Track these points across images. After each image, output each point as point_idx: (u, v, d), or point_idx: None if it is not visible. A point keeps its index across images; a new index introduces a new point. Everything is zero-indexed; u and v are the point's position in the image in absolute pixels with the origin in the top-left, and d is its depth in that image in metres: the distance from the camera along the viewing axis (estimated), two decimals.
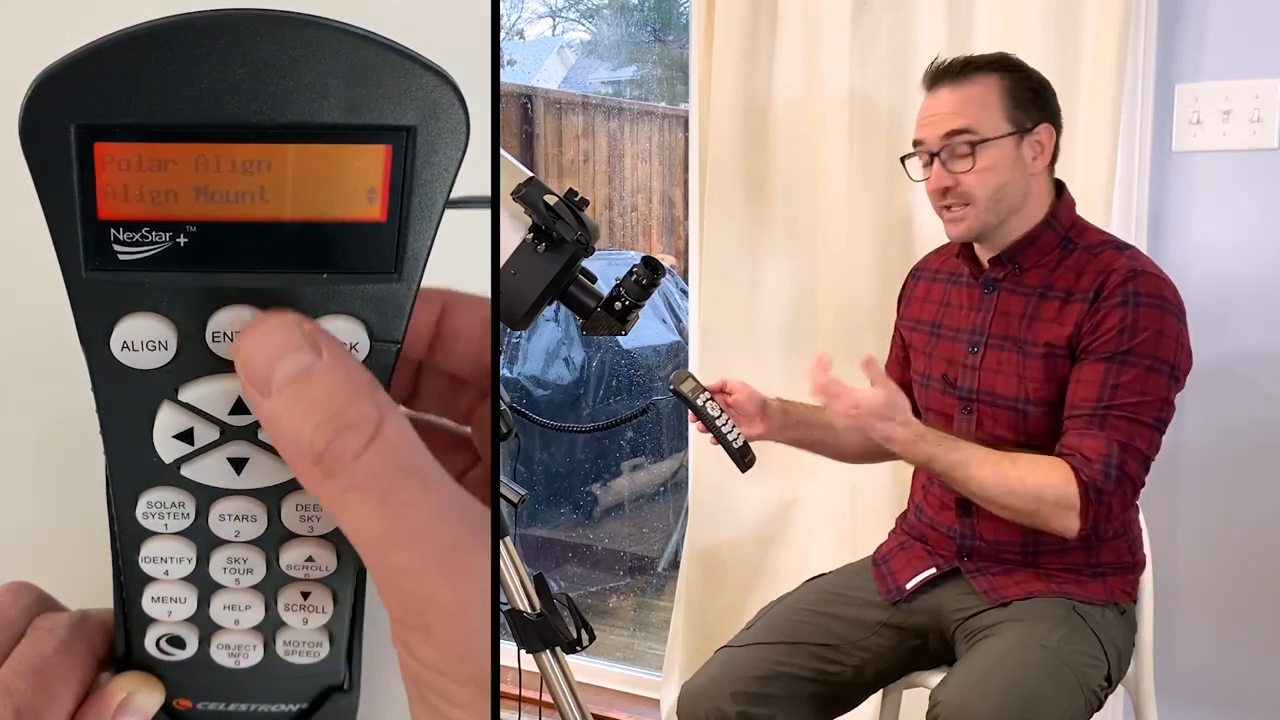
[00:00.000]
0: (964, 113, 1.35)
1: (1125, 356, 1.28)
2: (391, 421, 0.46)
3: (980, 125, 1.34)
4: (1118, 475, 1.26)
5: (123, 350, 0.53)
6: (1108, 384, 1.28)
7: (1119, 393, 1.27)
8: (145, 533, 0.59)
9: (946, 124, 1.35)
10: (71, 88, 0.47)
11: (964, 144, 1.34)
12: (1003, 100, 1.34)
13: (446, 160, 0.52)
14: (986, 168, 1.34)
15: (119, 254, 0.51)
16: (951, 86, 1.36)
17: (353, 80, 0.49)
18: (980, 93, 1.35)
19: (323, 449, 0.46)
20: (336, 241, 0.52)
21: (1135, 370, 1.27)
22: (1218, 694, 1.74)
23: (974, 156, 1.34)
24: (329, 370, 0.46)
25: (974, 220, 1.36)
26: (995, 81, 1.35)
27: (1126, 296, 1.29)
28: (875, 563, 1.51)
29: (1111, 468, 1.26)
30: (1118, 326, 1.28)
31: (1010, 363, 1.36)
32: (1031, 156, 1.35)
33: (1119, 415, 1.27)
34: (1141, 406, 1.28)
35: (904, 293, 1.58)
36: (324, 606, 0.64)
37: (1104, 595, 1.36)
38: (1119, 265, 1.31)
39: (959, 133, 1.34)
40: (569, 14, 4.17)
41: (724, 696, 1.35)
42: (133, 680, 0.64)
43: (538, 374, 3.31)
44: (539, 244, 1.20)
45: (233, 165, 0.50)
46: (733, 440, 1.38)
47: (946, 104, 1.36)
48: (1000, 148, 1.34)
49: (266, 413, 0.47)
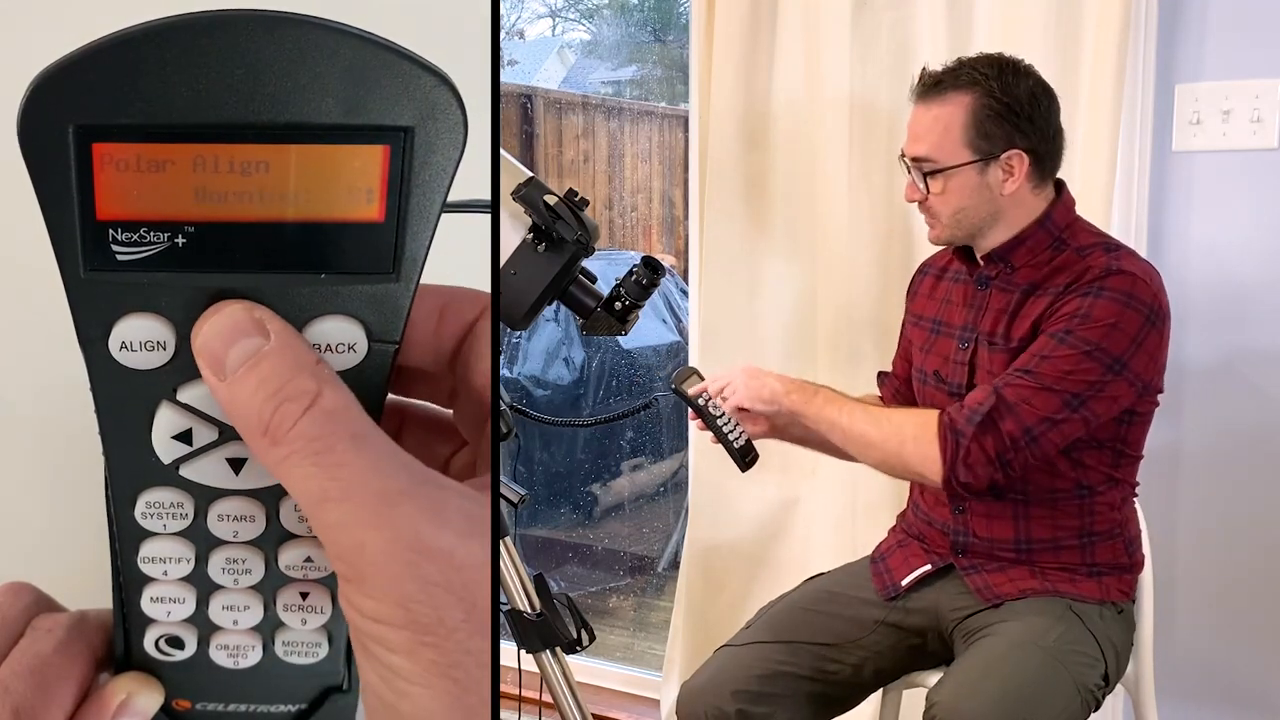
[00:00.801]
0: (926, 139, 1.36)
1: (1065, 337, 1.27)
2: (329, 392, 0.51)
3: (939, 154, 1.35)
4: (983, 423, 1.26)
5: (121, 351, 0.53)
6: (1036, 354, 1.28)
7: (1044, 363, 1.27)
8: (144, 533, 0.59)
9: (912, 147, 1.38)
10: (69, 88, 0.47)
11: (929, 170, 1.36)
12: (967, 125, 1.33)
13: (444, 160, 0.52)
14: (945, 192, 1.36)
15: (117, 254, 0.51)
16: (924, 105, 1.37)
17: (351, 80, 0.49)
18: (946, 116, 1.34)
19: (268, 420, 0.51)
20: (334, 242, 0.52)
21: (1069, 350, 1.27)
22: (1218, 694, 1.74)
23: (939, 181, 1.35)
24: (275, 351, 0.52)
25: (941, 231, 1.40)
26: (965, 103, 1.33)
27: (1090, 288, 1.28)
28: (873, 560, 1.51)
29: (979, 415, 1.26)
30: (1072, 312, 1.28)
31: (998, 360, 1.36)
32: (1001, 179, 1.34)
33: (1027, 381, 1.27)
34: (1058, 380, 1.26)
35: (911, 287, 1.58)
36: (323, 607, 0.64)
37: (1099, 594, 1.36)
38: (1096, 263, 1.31)
39: (924, 159, 1.36)
40: (569, 14, 4.17)
41: (724, 696, 1.35)
42: (132, 681, 0.64)
43: (538, 374, 3.31)
44: (539, 244, 1.20)
45: (231, 166, 0.50)
46: (734, 440, 1.38)
47: (918, 124, 1.38)
48: (960, 175, 1.34)
49: (224, 396, 0.52)
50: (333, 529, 0.51)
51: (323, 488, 0.51)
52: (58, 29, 0.56)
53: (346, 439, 0.51)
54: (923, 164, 1.36)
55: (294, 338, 0.52)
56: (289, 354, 0.51)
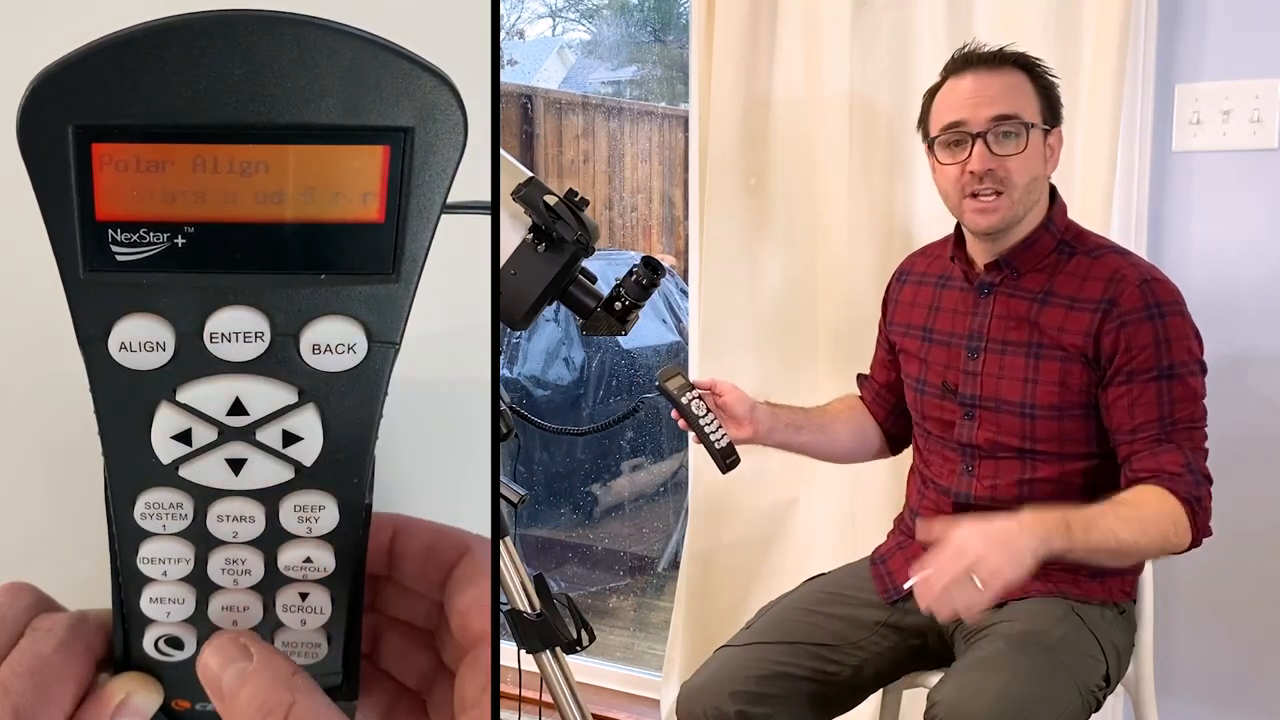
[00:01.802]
0: (1011, 99, 1.33)
1: (1171, 370, 1.29)
2: (301, 700, 0.60)
3: (1024, 111, 1.33)
4: (1204, 479, 1.28)
5: (121, 351, 0.53)
6: (1164, 401, 1.29)
7: (1177, 407, 1.29)
8: (143, 533, 0.59)
9: (994, 107, 1.32)
10: (69, 88, 0.47)
11: (1014, 127, 1.32)
12: (1036, 93, 1.35)
13: (444, 161, 0.52)
14: (1027, 152, 1.32)
15: (117, 255, 0.51)
16: (989, 72, 1.34)
17: (350, 81, 0.49)
18: (1017, 82, 1.35)
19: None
20: (334, 242, 0.52)
21: (1182, 382, 1.29)
22: (1218, 694, 1.73)
23: (1023, 140, 1.32)
24: (257, 670, 0.60)
25: (1006, 210, 1.33)
26: (1026, 77, 1.35)
27: (1150, 310, 1.29)
28: (873, 562, 1.51)
29: (1197, 474, 1.28)
30: (1152, 342, 1.29)
31: (1014, 367, 1.36)
32: (1048, 157, 1.36)
33: (1182, 427, 1.29)
34: (1195, 411, 1.30)
35: (889, 296, 1.57)
36: (322, 608, 0.64)
37: (1102, 595, 1.36)
38: (1128, 274, 1.31)
39: (1008, 117, 1.32)
40: (569, 14, 4.17)
41: (723, 696, 1.35)
42: (131, 681, 0.64)
43: (538, 374, 3.31)
44: (539, 244, 1.20)
45: (230, 166, 0.50)
46: (715, 440, 1.38)
47: (987, 88, 1.33)
48: (1036, 137, 1.34)
49: (226, 713, 0.61)
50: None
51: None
52: (58, 29, 0.56)
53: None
54: (1006, 123, 1.31)
55: (272, 655, 0.61)
56: (269, 671, 0.60)
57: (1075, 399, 1.33)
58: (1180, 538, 1.26)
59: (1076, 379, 1.32)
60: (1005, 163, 1.32)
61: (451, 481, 0.77)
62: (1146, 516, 1.25)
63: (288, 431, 0.57)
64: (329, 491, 0.60)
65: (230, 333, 0.53)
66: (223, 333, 0.53)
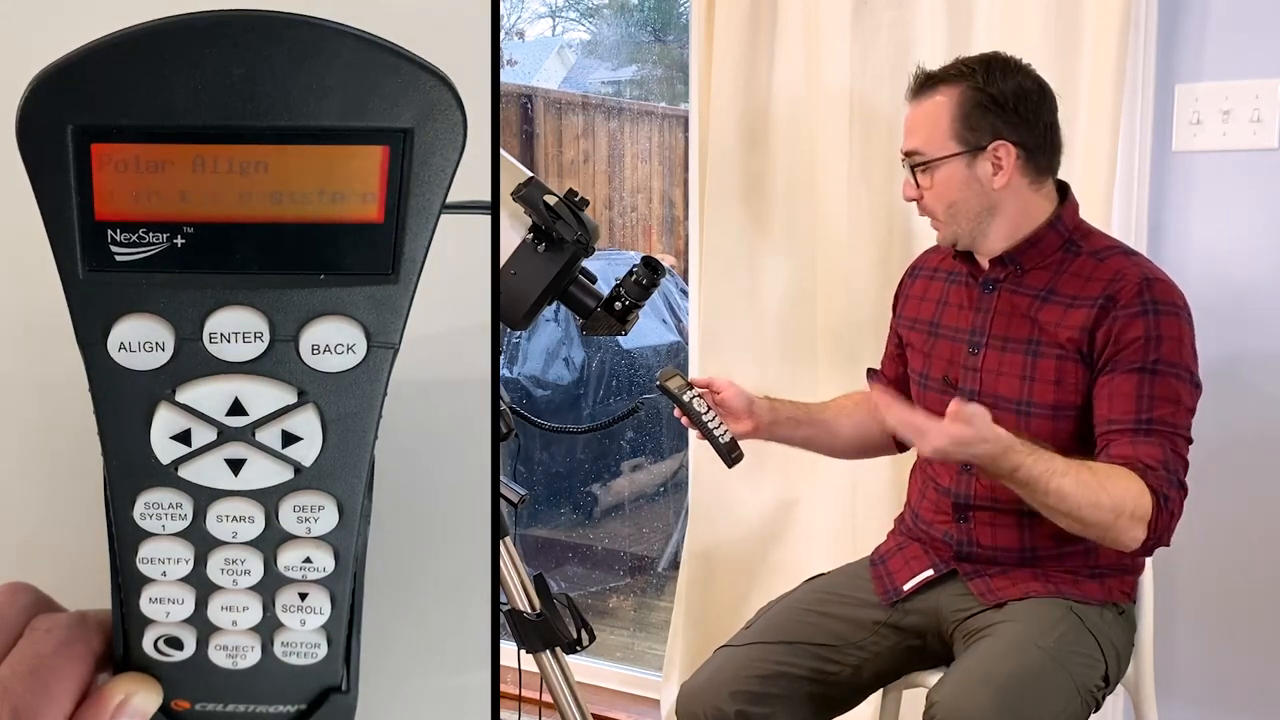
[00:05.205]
0: (916, 133, 1.38)
1: (1155, 366, 1.28)
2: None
3: (927, 147, 1.36)
4: (1178, 483, 1.26)
5: (120, 351, 0.53)
6: (1143, 395, 1.28)
7: (1155, 404, 1.27)
8: (143, 534, 0.59)
9: (907, 142, 1.39)
10: (68, 88, 0.47)
11: (919, 161, 1.37)
12: (954, 117, 1.34)
13: (444, 161, 0.52)
14: (935, 186, 1.37)
15: (116, 255, 0.51)
16: (915, 103, 1.39)
17: (350, 81, 0.49)
18: (933, 109, 1.36)
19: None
20: (333, 243, 0.52)
21: (1165, 380, 1.28)
22: (1218, 694, 1.73)
23: (929, 174, 1.36)
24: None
25: (945, 231, 1.40)
26: (954, 95, 1.35)
27: (1144, 306, 1.29)
28: (873, 563, 1.51)
29: (1173, 474, 1.26)
30: (1141, 337, 1.28)
31: (1013, 364, 1.36)
32: (990, 172, 1.34)
33: (1161, 426, 1.27)
34: (1177, 415, 1.28)
35: (901, 290, 1.58)
36: (322, 608, 0.64)
37: (1101, 596, 1.36)
38: (1130, 273, 1.31)
39: (913, 153, 1.38)
40: (569, 14, 4.17)
41: (723, 696, 1.35)
42: (131, 681, 0.64)
43: (538, 374, 3.31)
44: (539, 244, 1.20)
45: (230, 166, 0.50)
46: (719, 435, 1.39)
47: (910, 120, 1.39)
48: (948, 167, 1.35)
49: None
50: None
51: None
52: (57, 29, 0.56)
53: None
54: (914, 158, 1.38)
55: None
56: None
57: (1070, 399, 1.33)
58: (1135, 528, 1.22)
59: (1072, 377, 1.32)
60: (924, 193, 1.38)
61: (451, 481, 0.77)
62: (1110, 491, 1.22)
63: (287, 432, 0.57)
64: (329, 492, 0.60)
65: (229, 333, 0.53)
66: (222, 333, 0.53)
